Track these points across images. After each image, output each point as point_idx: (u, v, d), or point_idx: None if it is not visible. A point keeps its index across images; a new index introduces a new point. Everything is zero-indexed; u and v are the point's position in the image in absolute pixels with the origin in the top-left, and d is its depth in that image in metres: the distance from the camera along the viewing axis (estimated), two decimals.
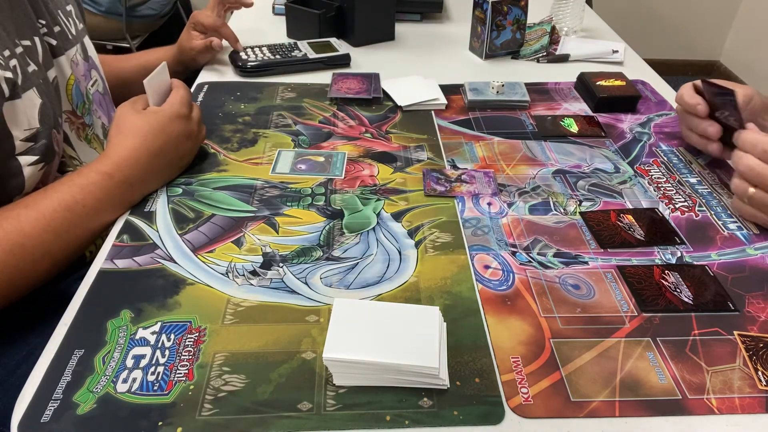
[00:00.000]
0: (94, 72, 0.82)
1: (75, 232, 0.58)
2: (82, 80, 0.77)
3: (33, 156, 0.62)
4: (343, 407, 0.44)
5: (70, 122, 0.74)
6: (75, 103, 0.76)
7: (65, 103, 0.73)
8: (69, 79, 0.74)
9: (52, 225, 0.56)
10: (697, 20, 2.85)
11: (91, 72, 0.81)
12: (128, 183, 0.61)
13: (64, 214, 0.56)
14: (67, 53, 0.74)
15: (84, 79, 0.78)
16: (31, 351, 0.57)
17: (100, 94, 0.83)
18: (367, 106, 0.87)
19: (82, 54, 0.78)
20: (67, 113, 0.74)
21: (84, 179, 0.59)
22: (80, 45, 0.78)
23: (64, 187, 0.58)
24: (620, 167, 0.74)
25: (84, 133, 0.77)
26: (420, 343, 0.45)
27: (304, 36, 1.05)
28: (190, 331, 0.50)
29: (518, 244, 0.60)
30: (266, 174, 0.70)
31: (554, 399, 0.45)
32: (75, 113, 0.76)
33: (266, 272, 0.56)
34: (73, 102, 0.75)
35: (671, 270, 0.58)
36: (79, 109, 0.76)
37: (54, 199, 0.57)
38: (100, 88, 0.83)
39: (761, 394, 0.46)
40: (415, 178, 0.70)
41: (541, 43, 1.06)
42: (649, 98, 0.92)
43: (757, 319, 0.53)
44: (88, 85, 0.79)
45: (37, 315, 0.60)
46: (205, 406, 0.44)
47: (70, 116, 0.74)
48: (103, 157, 0.61)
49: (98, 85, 0.83)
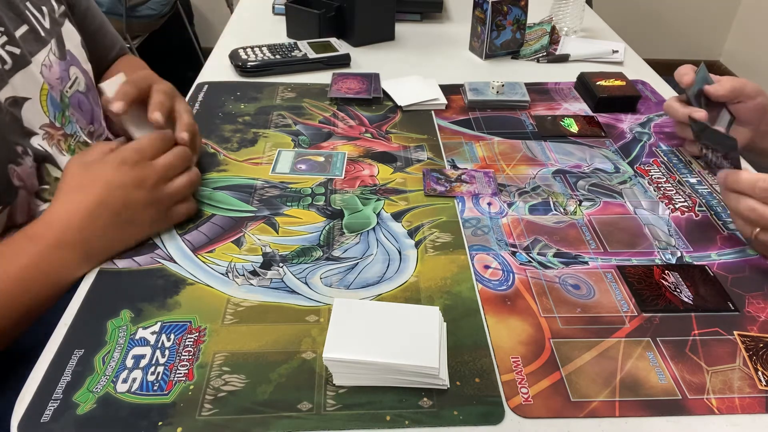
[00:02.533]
0: (74, 69, 0.73)
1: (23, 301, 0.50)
2: (57, 84, 0.69)
3: None
4: (343, 407, 0.44)
5: (49, 138, 0.67)
6: (52, 114, 0.67)
7: (41, 116, 0.66)
8: (42, 88, 0.66)
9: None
10: (697, 20, 2.85)
11: (69, 71, 0.72)
12: (65, 246, 0.52)
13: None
14: (36, 59, 0.66)
15: (59, 83, 0.70)
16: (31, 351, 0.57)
17: (80, 93, 0.74)
18: (367, 106, 0.87)
19: (57, 52, 0.70)
20: (45, 127, 0.66)
21: (8, 246, 0.52)
22: (55, 40, 0.70)
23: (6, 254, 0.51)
24: (620, 167, 0.74)
25: (67, 145, 0.70)
26: (420, 343, 0.45)
27: (304, 36, 1.05)
28: (190, 331, 0.50)
29: (518, 244, 0.60)
30: (266, 174, 0.70)
31: (554, 399, 0.45)
32: (53, 125, 0.68)
33: (266, 272, 0.56)
34: (49, 113, 0.67)
35: (671, 270, 0.58)
36: (57, 120, 0.68)
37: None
38: (82, 86, 0.74)
39: (761, 394, 0.46)
40: (415, 178, 0.70)
41: (541, 43, 1.06)
42: (649, 98, 0.92)
43: (757, 319, 0.53)
44: (64, 88, 0.71)
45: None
46: (205, 406, 0.44)
47: (48, 130, 0.67)
48: (35, 221, 0.54)
49: (79, 83, 0.74)
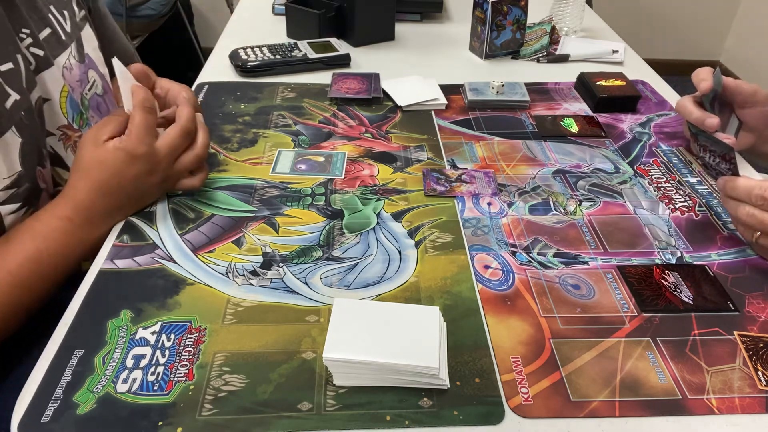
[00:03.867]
0: (92, 72, 0.76)
1: (45, 282, 0.56)
2: (77, 87, 0.71)
3: (15, 204, 0.59)
4: (343, 407, 0.44)
5: (65, 139, 0.69)
6: (71, 116, 0.70)
7: (60, 117, 0.68)
8: (62, 90, 0.68)
9: (19, 280, 0.54)
10: (697, 20, 2.85)
11: (88, 74, 0.74)
12: (89, 223, 0.58)
13: (30, 267, 0.55)
14: (57, 61, 0.68)
15: (79, 85, 0.72)
16: (31, 351, 0.57)
17: (98, 96, 0.77)
18: (367, 106, 0.87)
19: (77, 55, 0.72)
20: (63, 128, 0.69)
21: (45, 227, 0.56)
22: (75, 43, 0.72)
23: (26, 238, 0.56)
24: (620, 167, 0.74)
25: None
26: (420, 343, 0.45)
27: (304, 36, 1.05)
28: (190, 331, 0.50)
29: (518, 244, 0.60)
30: (266, 174, 0.70)
31: (554, 399, 0.45)
32: (71, 127, 0.70)
33: (266, 272, 0.56)
34: (68, 115, 0.69)
35: (671, 270, 0.58)
36: (75, 122, 0.71)
37: (18, 253, 0.55)
38: (99, 89, 0.77)
39: (761, 394, 0.46)
40: (415, 178, 0.70)
41: (541, 43, 1.06)
42: (649, 98, 0.92)
43: (757, 319, 0.53)
44: (84, 91, 0.73)
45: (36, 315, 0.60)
46: (205, 406, 0.44)
47: (65, 131, 0.69)
48: (61, 199, 0.58)
49: (96, 86, 0.77)
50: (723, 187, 0.59)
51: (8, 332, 0.55)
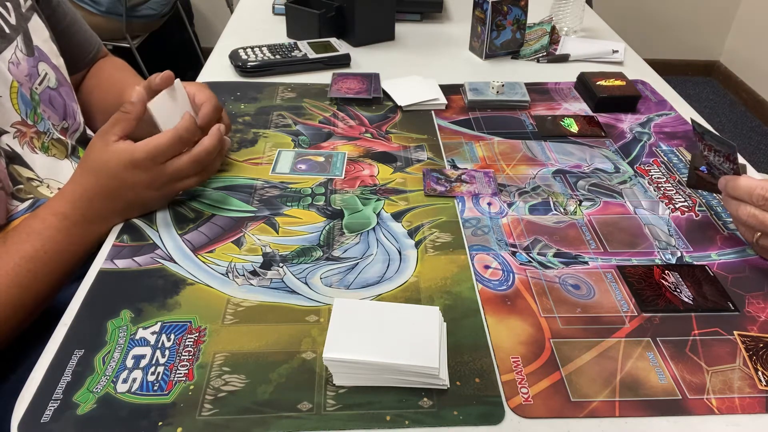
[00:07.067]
0: (43, 65, 0.71)
1: (42, 280, 0.56)
2: (26, 81, 0.68)
3: None
4: (343, 407, 0.44)
5: (20, 136, 0.66)
6: (24, 112, 0.67)
7: (12, 114, 0.65)
8: (11, 86, 0.65)
9: (17, 279, 0.54)
10: (697, 20, 2.85)
11: (38, 67, 0.70)
12: (86, 221, 0.58)
13: (27, 266, 0.54)
14: (2, 56, 0.65)
15: (28, 80, 0.68)
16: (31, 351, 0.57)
17: (51, 89, 0.72)
18: (367, 106, 0.87)
19: (24, 49, 0.68)
20: (17, 125, 0.66)
21: (41, 224, 0.56)
22: (21, 37, 0.68)
23: (22, 237, 0.55)
24: (620, 167, 0.74)
25: (40, 142, 0.69)
26: (420, 343, 0.45)
27: (304, 36, 1.05)
28: (190, 331, 0.50)
29: (518, 244, 0.60)
30: (266, 174, 0.70)
31: (554, 399, 0.45)
32: (25, 123, 0.67)
33: (266, 272, 0.56)
34: (20, 111, 0.66)
35: (671, 270, 0.58)
36: (29, 117, 0.68)
37: (14, 252, 0.54)
38: (52, 82, 0.72)
39: (761, 394, 0.46)
40: (415, 178, 0.70)
41: (541, 43, 1.06)
42: (649, 98, 0.92)
43: (757, 319, 0.53)
44: (33, 85, 0.69)
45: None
46: (205, 406, 0.44)
47: (19, 127, 0.66)
48: (59, 195, 0.58)
49: (49, 80, 0.72)
50: (724, 187, 0.59)
51: (11, 333, 0.55)
